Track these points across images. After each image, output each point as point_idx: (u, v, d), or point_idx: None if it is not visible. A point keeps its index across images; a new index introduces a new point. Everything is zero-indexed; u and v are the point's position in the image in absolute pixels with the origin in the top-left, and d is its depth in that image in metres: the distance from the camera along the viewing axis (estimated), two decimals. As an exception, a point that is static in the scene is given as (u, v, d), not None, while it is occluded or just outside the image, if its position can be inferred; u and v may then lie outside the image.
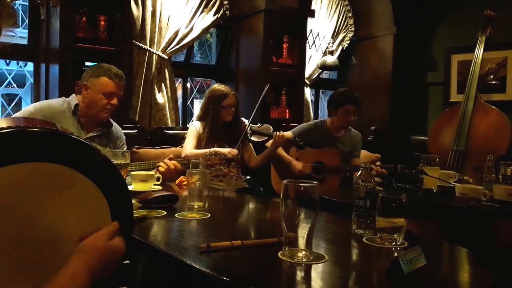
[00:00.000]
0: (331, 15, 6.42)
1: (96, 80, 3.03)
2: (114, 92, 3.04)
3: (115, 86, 3.05)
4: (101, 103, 3.02)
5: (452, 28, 6.14)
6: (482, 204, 2.78)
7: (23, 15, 4.54)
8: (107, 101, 3.02)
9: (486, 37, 4.83)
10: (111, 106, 3.05)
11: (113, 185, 1.33)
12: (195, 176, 2.38)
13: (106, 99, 3.02)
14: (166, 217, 2.15)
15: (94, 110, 3.04)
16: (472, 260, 1.69)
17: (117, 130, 3.31)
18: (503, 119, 4.37)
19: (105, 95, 3.01)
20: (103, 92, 3.01)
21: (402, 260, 1.34)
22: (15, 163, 1.14)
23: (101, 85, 3.02)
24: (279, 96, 5.69)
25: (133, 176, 2.71)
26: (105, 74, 3.03)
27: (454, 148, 4.48)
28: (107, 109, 3.04)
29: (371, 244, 1.74)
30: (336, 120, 4.34)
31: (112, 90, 3.03)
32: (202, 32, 5.14)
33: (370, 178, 1.89)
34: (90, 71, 3.08)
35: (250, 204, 2.95)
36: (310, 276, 1.40)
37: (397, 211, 1.69)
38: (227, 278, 1.33)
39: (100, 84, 3.02)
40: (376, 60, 6.56)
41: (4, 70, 4.72)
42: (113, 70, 3.08)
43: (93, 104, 3.03)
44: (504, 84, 5.56)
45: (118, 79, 3.06)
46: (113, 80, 3.04)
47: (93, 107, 3.04)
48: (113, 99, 3.04)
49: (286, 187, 1.46)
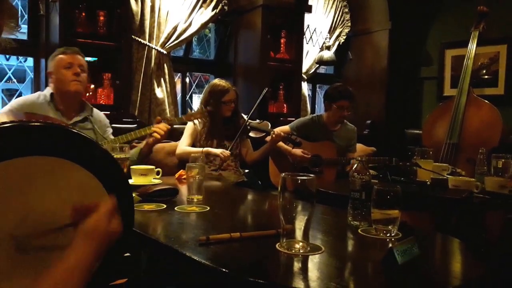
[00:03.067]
0: (328, 11, 6.43)
1: (53, 62, 3.17)
2: (71, 62, 3.14)
3: (70, 57, 3.15)
4: (65, 77, 3.11)
5: (446, 23, 6.14)
6: (474, 196, 2.82)
7: (22, 10, 4.54)
8: (70, 73, 3.11)
9: (479, 32, 4.84)
10: (77, 76, 3.13)
11: (114, 178, 1.33)
12: (194, 170, 2.40)
13: (68, 71, 3.12)
14: (166, 211, 2.17)
15: (64, 87, 3.13)
16: (464, 251, 1.72)
17: (99, 115, 3.41)
18: (495, 113, 4.40)
19: (65, 67, 3.12)
20: (63, 67, 3.12)
21: (396, 251, 1.37)
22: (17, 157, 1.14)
23: (58, 62, 3.14)
24: (277, 91, 5.70)
25: (133, 170, 2.74)
26: (57, 53, 3.18)
27: (447, 141, 4.50)
28: (74, 80, 3.12)
29: (366, 235, 1.77)
30: (331, 114, 4.39)
31: (68, 61, 3.14)
32: (200, 27, 5.15)
33: (365, 171, 1.93)
34: (49, 59, 3.23)
35: (248, 197, 2.96)
36: (307, 266, 1.42)
37: (392, 203, 1.71)
38: (226, 269, 1.35)
39: (56, 62, 3.15)
40: (371, 55, 6.57)
41: (4, 65, 4.71)
42: (65, 47, 3.25)
43: (60, 82, 3.13)
44: (496, 78, 5.58)
45: (70, 51, 3.19)
46: (65, 54, 3.16)
47: (61, 85, 3.14)
48: (74, 69, 3.13)
49: (284, 180, 1.48)
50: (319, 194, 1.52)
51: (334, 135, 4.44)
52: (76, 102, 3.24)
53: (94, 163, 1.28)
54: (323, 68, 7.03)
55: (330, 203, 2.39)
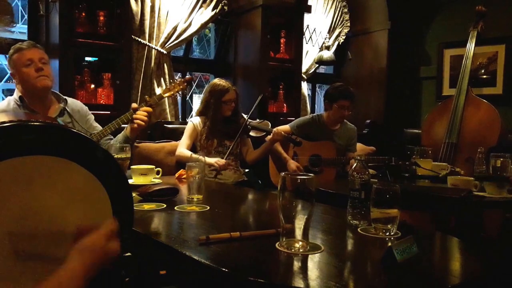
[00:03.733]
0: (327, 11, 6.45)
1: (11, 62, 3.00)
2: (31, 57, 2.95)
3: (28, 53, 2.96)
4: (28, 75, 2.93)
5: (444, 23, 6.15)
6: (473, 195, 2.83)
7: (22, 10, 4.55)
8: (33, 69, 2.93)
9: (478, 32, 4.86)
10: (40, 71, 2.95)
11: (114, 178, 1.33)
12: (194, 170, 2.41)
13: (29, 69, 2.94)
14: (166, 210, 2.18)
15: (30, 84, 2.95)
16: (463, 249, 1.73)
17: (75, 103, 3.26)
18: (493, 113, 4.41)
19: (27, 66, 2.93)
20: (24, 65, 2.94)
21: (395, 250, 1.38)
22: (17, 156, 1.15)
23: (17, 61, 2.96)
24: (277, 91, 5.71)
25: (133, 170, 2.75)
26: (13, 52, 2.99)
27: (446, 141, 4.51)
28: (39, 75, 2.94)
29: (365, 234, 1.78)
30: (331, 114, 4.39)
31: (28, 57, 2.95)
32: (200, 27, 5.16)
33: (364, 170, 1.93)
34: (7, 60, 3.08)
35: (248, 196, 2.97)
36: (307, 265, 1.43)
37: (391, 202, 1.72)
38: (226, 269, 1.35)
39: (15, 62, 2.97)
40: (371, 55, 6.58)
41: (4, 65, 4.72)
42: (20, 43, 3.05)
43: (25, 82, 2.96)
44: (494, 78, 5.59)
45: (26, 45, 3.00)
46: (22, 50, 2.97)
47: (27, 84, 2.96)
48: (35, 64, 2.95)
49: (283, 180, 1.49)
50: (318, 193, 1.53)
51: (334, 134, 4.45)
52: (46, 97, 3.09)
53: (93, 162, 1.28)
54: (323, 68, 7.05)
55: (329, 202, 2.39)
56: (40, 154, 1.19)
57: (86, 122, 3.23)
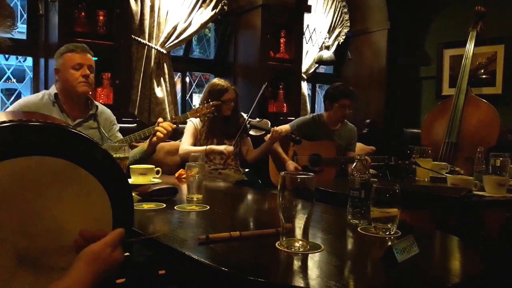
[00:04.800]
0: (327, 11, 6.45)
1: (61, 59, 3.04)
2: (81, 62, 3.03)
3: (80, 57, 3.03)
4: (73, 77, 3.00)
5: (444, 23, 6.15)
6: (472, 194, 2.82)
7: (21, 10, 4.54)
8: (78, 74, 3.00)
9: (477, 32, 4.88)
10: (85, 78, 3.02)
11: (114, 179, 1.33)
12: (194, 169, 2.40)
13: (76, 72, 3.01)
14: (166, 210, 2.17)
15: (71, 87, 3.02)
16: (463, 249, 1.73)
17: (105, 111, 3.32)
18: (493, 112, 4.43)
19: (74, 68, 3.00)
20: (71, 66, 3.00)
21: (395, 249, 1.38)
22: (16, 157, 1.14)
23: (67, 61, 3.02)
24: (277, 90, 5.70)
25: (133, 170, 2.74)
26: (66, 51, 3.04)
27: (446, 140, 4.53)
28: (82, 81, 3.02)
29: (365, 233, 1.78)
30: (332, 114, 4.39)
31: (78, 61, 3.02)
32: (200, 27, 5.15)
33: (365, 169, 1.93)
34: (55, 55, 3.10)
35: (248, 196, 2.97)
36: (307, 265, 1.42)
37: (391, 201, 1.72)
38: (225, 268, 1.34)
39: (65, 60, 3.02)
40: (370, 55, 6.59)
41: (3, 65, 4.71)
42: (74, 44, 3.10)
43: (67, 82, 3.02)
44: (494, 78, 5.59)
45: (80, 49, 3.06)
46: (75, 52, 3.03)
47: (68, 85, 3.03)
48: (83, 70, 3.02)
49: (283, 179, 1.49)
50: (318, 192, 1.52)
51: (335, 134, 4.45)
52: (81, 102, 3.16)
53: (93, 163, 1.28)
54: (323, 68, 7.05)
55: (329, 201, 2.40)
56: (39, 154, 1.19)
57: (110, 130, 3.29)
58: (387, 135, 6.15)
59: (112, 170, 1.33)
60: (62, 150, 1.22)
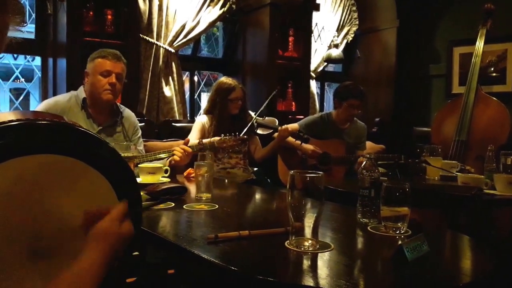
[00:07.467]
0: (335, 9, 6.42)
1: (92, 63, 3.03)
2: (110, 70, 3.00)
3: (110, 64, 3.00)
4: (100, 83, 2.98)
5: (453, 21, 6.12)
6: (483, 193, 2.81)
7: (30, 9, 4.56)
8: (105, 81, 2.98)
9: (487, 30, 4.85)
10: (111, 86, 3.00)
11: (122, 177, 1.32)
12: (203, 168, 2.40)
13: (104, 79, 2.99)
14: (175, 209, 2.17)
15: (96, 93, 3.01)
16: (474, 247, 1.72)
17: (130, 116, 3.30)
18: (503, 110, 4.40)
19: (102, 75, 2.98)
20: (100, 72, 2.99)
21: (406, 248, 1.37)
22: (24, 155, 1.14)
23: (97, 66, 3.00)
24: (285, 89, 5.70)
25: (141, 169, 2.74)
26: (98, 56, 3.02)
27: (456, 139, 4.50)
28: (107, 89, 2.99)
29: (375, 232, 1.77)
30: (341, 112, 4.38)
31: (107, 68, 3.00)
32: (208, 25, 5.15)
33: (374, 168, 1.92)
34: (89, 58, 3.09)
35: (257, 195, 2.97)
36: (317, 264, 1.43)
37: (401, 200, 1.71)
38: (235, 267, 1.35)
39: (95, 65, 3.01)
40: (379, 53, 6.56)
41: (12, 64, 4.72)
42: (108, 50, 3.08)
43: (94, 87, 3.01)
44: (504, 76, 5.55)
45: (112, 57, 3.03)
46: (106, 59, 3.01)
47: (94, 90, 3.01)
48: (111, 78, 3.00)
49: (292, 178, 1.49)
50: (327, 191, 1.52)
51: (344, 132, 4.44)
52: (107, 107, 3.13)
53: (101, 161, 1.27)
54: (331, 66, 7.02)
55: (339, 200, 2.38)
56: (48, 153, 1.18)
57: (132, 136, 3.27)
58: (396, 134, 6.12)
59: (120, 168, 1.32)
60: (70, 148, 1.22)
